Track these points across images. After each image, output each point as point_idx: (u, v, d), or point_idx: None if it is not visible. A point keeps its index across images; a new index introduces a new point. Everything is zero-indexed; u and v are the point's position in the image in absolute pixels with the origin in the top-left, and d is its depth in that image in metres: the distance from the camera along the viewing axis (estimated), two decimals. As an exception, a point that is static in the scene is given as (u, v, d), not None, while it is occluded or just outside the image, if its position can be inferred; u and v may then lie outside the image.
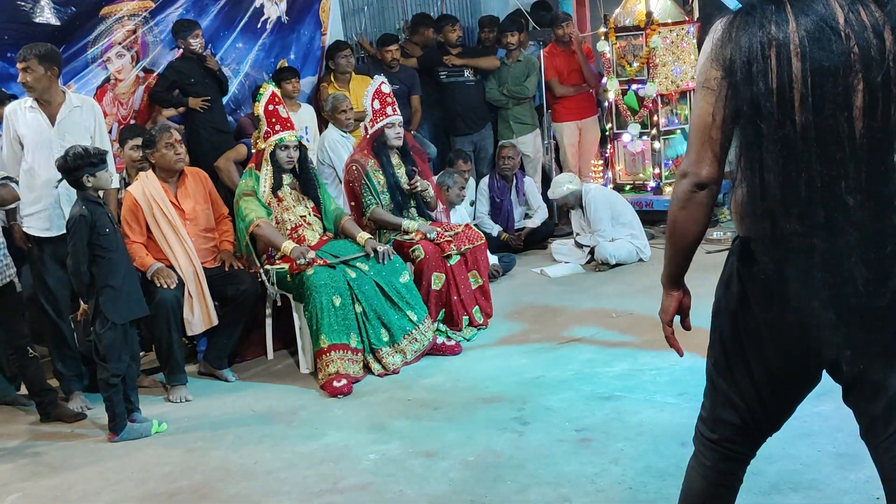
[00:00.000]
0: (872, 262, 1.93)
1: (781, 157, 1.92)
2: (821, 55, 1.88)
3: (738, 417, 2.24)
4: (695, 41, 7.61)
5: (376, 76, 5.87)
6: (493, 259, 6.60)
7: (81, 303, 4.43)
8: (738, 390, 2.22)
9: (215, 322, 5.00)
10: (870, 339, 1.99)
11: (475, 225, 6.52)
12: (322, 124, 6.97)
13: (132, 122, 6.20)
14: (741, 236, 2.12)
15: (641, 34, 7.53)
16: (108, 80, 6.13)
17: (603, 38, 7.77)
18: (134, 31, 6.21)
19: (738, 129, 1.99)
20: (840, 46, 1.88)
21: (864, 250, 1.92)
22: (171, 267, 4.95)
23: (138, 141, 5.29)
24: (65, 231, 4.36)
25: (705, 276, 2.35)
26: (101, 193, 4.37)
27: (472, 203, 7.47)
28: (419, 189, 5.64)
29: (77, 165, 4.22)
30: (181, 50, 6.29)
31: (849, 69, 1.88)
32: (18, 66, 4.60)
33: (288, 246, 5.04)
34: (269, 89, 5.36)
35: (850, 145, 1.90)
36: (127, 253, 4.53)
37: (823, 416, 3.63)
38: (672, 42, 7.51)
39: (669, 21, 7.57)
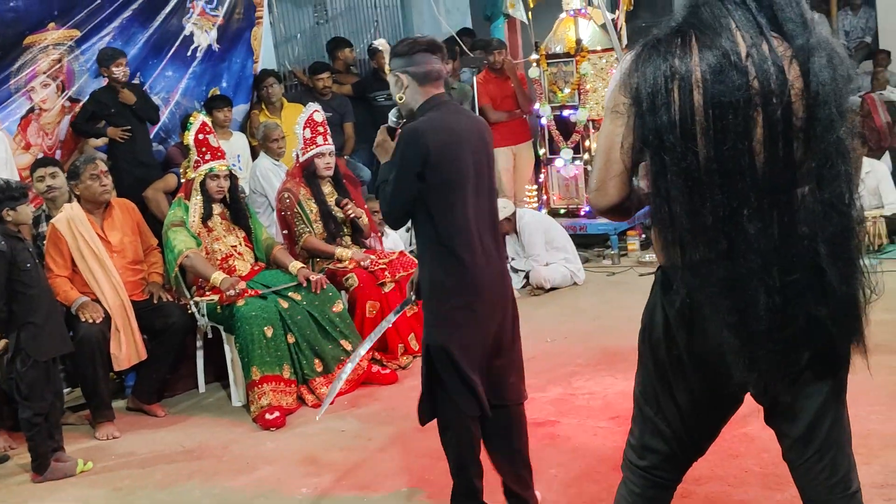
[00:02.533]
0: (774, 289, 1.96)
1: (686, 187, 1.95)
2: (720, 89, 1.92)
3: (666, 445, 2.27)
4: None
5: (310, 104, 5.86)
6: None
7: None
8: (665, 417, 2.24)
9: (143, 356, 4.90)
10: (777, 364, 2.02)
11: (410, 251, 6.51)
12: (253, 152, 6.93)
13: (58, 152, 6.08)
14: (661, 265, 2.15)
15: (572, 61, 7.64)
16: (32, 110, 6.00)
17: (534, 64, 7.87)
18: (59, 61, 6.10)
19: (647, 159, 2.03)
20: (740, 80, 1.92)
21: (767, 277, 1.96)
22: (97, 300, 4.83)
23: (42, 172, 5.15)
24: None
25: (639, 300, 2.36)
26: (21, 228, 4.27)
27: (408, 230, 7.46)
28: (351, 214, 5.59)
29: None
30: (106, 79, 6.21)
31: (748, 103, 1.92)
32: None
33: (217, 277, 4.97)
34: (199, 118, 5.30)
35: (752, 176, 1.94)
36: (49, 288, 4.42)
37: (750, 436, 3.68)
38: (602, 69, 7.63)
39: (599, 48, 7.69)
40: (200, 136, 5.19)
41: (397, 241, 6.87)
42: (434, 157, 3.07)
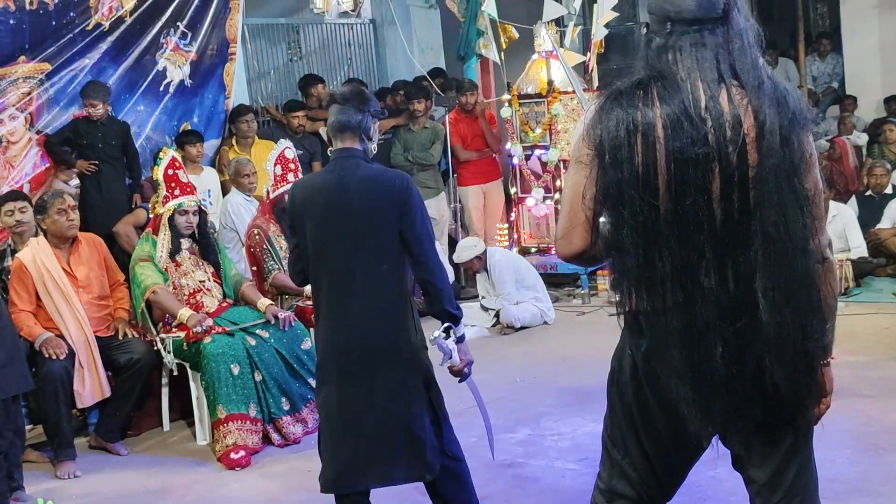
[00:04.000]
0: (729, 338, 1.98)
1: (642, 240, 1.98)
2: (680, 143, 1.95)
3: (633, 489, 2.26)
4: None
5: (281, 140, 5.85)
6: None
7: None
8: (632, 461, 2.24)
9: (107, 394, 4.82)
10: (733, 414, 2.03)
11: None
12: (224, 187, 6.91)
13: (26, 186, 6.02)
14: (630, 311, 2.15)
15: (543, 101, 7.71)
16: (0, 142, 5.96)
17: (506, 104, 7.93)
18: (29, 94, 6.07)
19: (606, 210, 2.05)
20: (699, 133, 1.95)
21: (723, 327, 1.98)
22: (62, 336, 4.76)
23: (11, 206, 5.09)
24: None
25: (609, 339, 2.36)
26: None
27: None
28: None
29: None
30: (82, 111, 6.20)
31: (707, 155, 1.95)
32: None
33: (185, 313, 4.92)
34: (169, 153, 5.26)
35: (710, 227, 1.96)
36: (12, 324, 4.34)
37: (718, 479, 3.67)
38: (573, 109, 7.70)
39: (570, 89, 7.76)
40: (170, 172, 5.16)
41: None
42: (292, 213, 3.18)
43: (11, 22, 5.91)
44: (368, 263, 3.06)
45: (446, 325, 3.12)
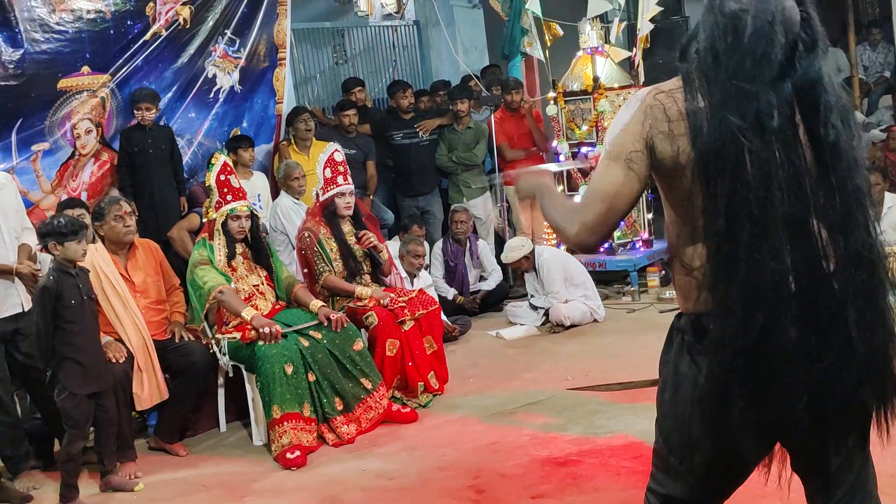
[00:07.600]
0: (813, 354, 1.93)
1: (754, 240, 1.89)
2: (758, 137, 1.88)
3: (690, 493, 2.22)
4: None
5: (330, 143, 5.90)
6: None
7: None
8: (690, 467, 2.17)
9: (165, 396, 4.91)
10: (832, 410, 1.99)
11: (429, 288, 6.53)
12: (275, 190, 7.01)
13: (83, 194, 6.15)
14: (691, 313, 2.09)
15: (589, 98, 7.69)
16: (73, 155, 6.10)
17: (552, 102, 7.92)
18: (102, 106, 6.21)
19: (699, 211, 1.96)
20: (762, 125, 1.89)
21: (811, 326, 1.92)
22: (121, 340, 4.86)
23: (69, 213, 5.20)
24: (14, 312, 4.49)
25: (660, 336, 2.34)
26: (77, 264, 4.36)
27: (426, 267, 7.49)
28: (369, 244, 5.60)
29: (46, 231, 4.22)
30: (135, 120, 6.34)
31: (772, 149, 1.89)
32: None
33: (248, 313, 4.98)
34: (220, 159, 5.34)
35: (805, 224, 1.91)
36: (95, 324, 4.49)
37: (776, 477, 3.63)
38: (619, 106, 7.67)
39: (616, 85, 7.74)
40: (222, 177, 5.23)
41: (428, 279, 6.91)
42: None
43: (70, 31, 6.04)
44: None
45: None
